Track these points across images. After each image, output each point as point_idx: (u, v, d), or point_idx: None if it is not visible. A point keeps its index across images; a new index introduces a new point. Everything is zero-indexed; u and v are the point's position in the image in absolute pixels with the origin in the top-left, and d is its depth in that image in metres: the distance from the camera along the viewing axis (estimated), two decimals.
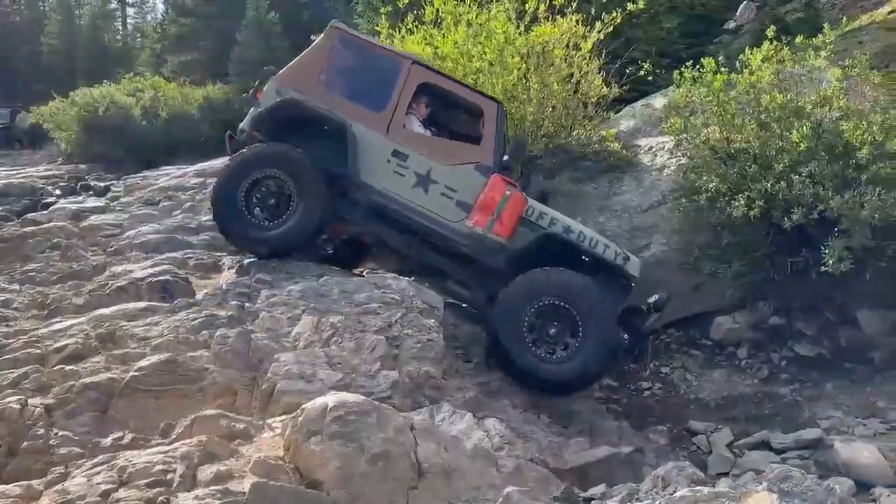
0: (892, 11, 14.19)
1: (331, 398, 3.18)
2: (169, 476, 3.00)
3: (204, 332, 4.44)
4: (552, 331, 5.64)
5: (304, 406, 3.19)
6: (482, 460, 3.49)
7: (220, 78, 24.13)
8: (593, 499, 3.58)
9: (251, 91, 6.42)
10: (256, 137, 6.12)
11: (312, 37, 9.55)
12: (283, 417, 3.47)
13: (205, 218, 8.66)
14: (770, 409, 6.35)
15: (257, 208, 5.87)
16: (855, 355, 6.58)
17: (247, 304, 4.77)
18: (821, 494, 3.03)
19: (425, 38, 8.62)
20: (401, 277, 5.09)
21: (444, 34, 8.50)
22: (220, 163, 12.62)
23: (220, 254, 7.00)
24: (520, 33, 8.39)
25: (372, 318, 4.44)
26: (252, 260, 6.01)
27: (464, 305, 6.54)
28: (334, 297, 4.66)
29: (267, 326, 4.39)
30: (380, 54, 6.28)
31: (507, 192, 5.74)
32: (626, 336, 5.95)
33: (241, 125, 6.37)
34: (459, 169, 5.96)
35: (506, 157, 6.14)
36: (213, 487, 2.91)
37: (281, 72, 6.36)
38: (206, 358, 4.16)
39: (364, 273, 6.61)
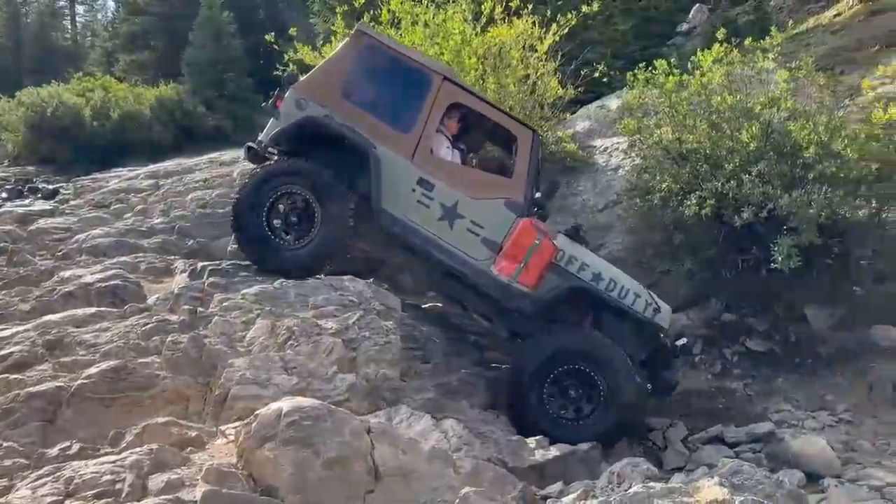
0: (837, 15, 14.63)
1: (285, 403, 3.13)
2: (118, 486, 2.92)
3: (155, 337, 4.34)
4: (572, 392, 5.39)
5: (257, 412, 3.13)
6: (440, 462, 3.47)
7: (172, 78, 23.66)
8: (550, 497, 3.61)
9: (271, 100, 5.99)
10: (275, 151, 5.87)
11: (267, 36, 9.51)
12: (237, 424, 3.41)
13: (157, 220, 8.49)
14: (723, 403, 6.48)
15: (280, 225, 5.62)
16: (804, 350, 6.75)
17: (200, 309, 4.68)
18: (770, 487, 3.10)
19: None
20: (358, 279, 5.04)
21: (401, 34, 8.48)
22: (173, 164, 12.44)
23: (172, 257, 6.86)
24: (476, 34, 8.43)
25: (329, 321, 4.39)
26: (205, 263, 5.90)
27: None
28: (290, 299, 4.61)
29: (220, 331, 4.31)
30: (409, 66, 5.78)
31: (537, 241, 5.39)
32: (649, 385, 5.64)
33: (260, 137, 6.04)
34: (488, 204, 5.57)
35: (538, 195, 5.77)
36: (163, 497, 2.84)
37: (302, 80, 5.93)
38: (158, 364, 4.07)
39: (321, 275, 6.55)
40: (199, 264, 5.89)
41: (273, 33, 9.44)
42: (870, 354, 6.56)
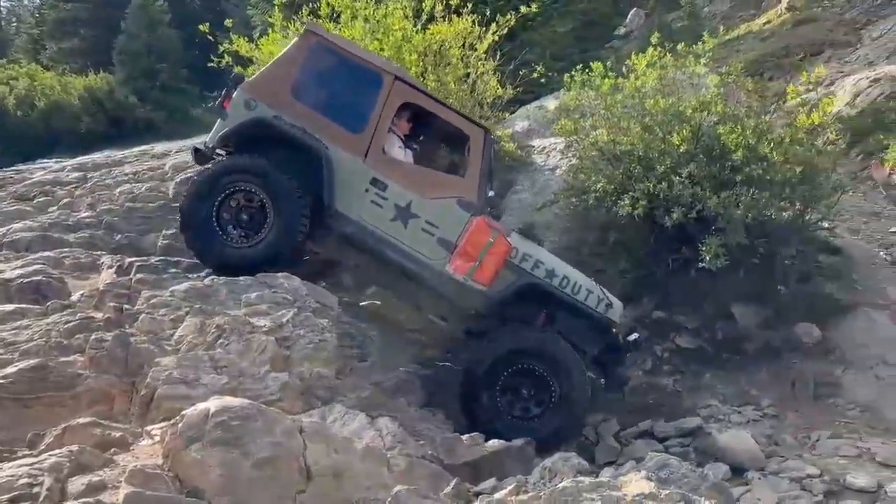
0: (767, 23, 15.19)
1: (213, 403, 3.05)
2: (35, 490, 2.80)
3: (78, 335, 4.17)
4: (524, 391, 5.49)
5: (184, 412, 3.05)
6: (373, 460, 3.45)
7: (103, 67, 22.87)
8: (483, 492, 3.62)
9: (218, 100, 5.79)
10: (223, 153, 5.68)
11: (202, 26, 9.27)
12: (163, 424, 3.31)
13: (84, 214, 8.18)
14: (654, 399, 6.64)
15: (230, 225, 5.43)
16: (731, 347, 6.98)
17: (126, 306, 4.53)
18: (695, 480, 3.19)
19: None
20: (293, 277, 4.96)
21: (340, 29, 8.39)
22: (102, 156, 12.01)
23: (98, 252, 6.60)
24: (417, 31, 8.40)
25: (261, 319, 4.30)
26: (133, 259, 5.71)
27: None
28: (221, 297, 4.50)
29: (147, 329, 4.18)
30: (360, 65, 5.71)
31: (491, 239, 5.41)
32: (602, 380, 5.77)
33: (207, 139, 5.84)
34: (441, 203, 5.54)
35: (492, 193, 5.77)
36: (83, 500, 2.73)
37: (250, 80, 5.82)
38: (81, 363, 3.92)
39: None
40: (127, 260, 5.69)
41: (209, 23, 9.20)
42: (793, 351, 6.83)
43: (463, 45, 8.52)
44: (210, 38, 9.07)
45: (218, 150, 5.70)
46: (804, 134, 6.93)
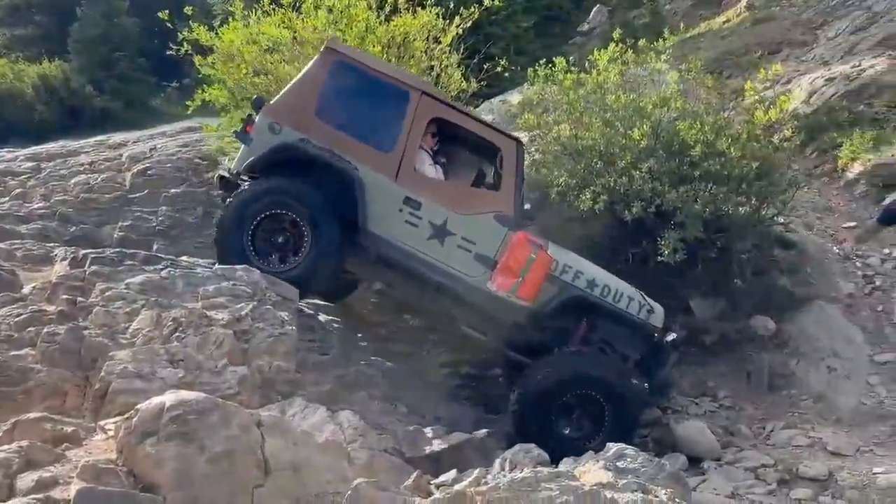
0: (726, 21, 15.44)
1: (168, 397, 3.00)
2: None
3: (30, 328, 4.07)
4: (575, 415, 5.43)
5: (138, 406, 2.99)
6: (333, 454, 3.43)
7: (57, 55, 22.26)
8: (443, 484, 3.63)
9: (241, 126, 5.67)
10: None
11: (161, 14, 9.08)
12: (117, 419, 3.25)
13: (37, 205, 7.99)
14: None
15: (267, 250, 5.33)
16: (689, 339, 7.08)
17: (80, 299, 4.41)
18: (652, 470, 3.23)
19: (283, 21, 8.38)
20: (253, 269, 4.89)
21: (303, 18, 8.30)
22: (57, 146, 11.70)
23: (51, 244, 6.45)
24: (380, 22, 8.35)
25: (219, 312, 4.24)
26: (88, 251, 5.56)
27: None
28: (178, 290, 4.42)
29: (102, 322, 4.09)
30: (384, 82, 5.56)
31: (533, 255, 5.31)
32: (646, 385, 5.70)
33: (233, 166, 5.69)
34: (478, 219, 5.47)
35: (527, 206, 5.71)
36: (32, 496, 2.67)
37: (272, 102, 5.64)
38: (32, 357, 3.83)
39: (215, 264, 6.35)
40: (81, 252, 5.53)
41: (168, 11, 9.02)
42: (749, 343, 6.97)
43: (427, 37, 8.49)
44: (169, 26, 8.91)
45: (243, 179, 5.54)
46: (761, 131, 7.06)
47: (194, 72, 9.35)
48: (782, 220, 7.43)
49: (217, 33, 8.54)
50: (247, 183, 5.45)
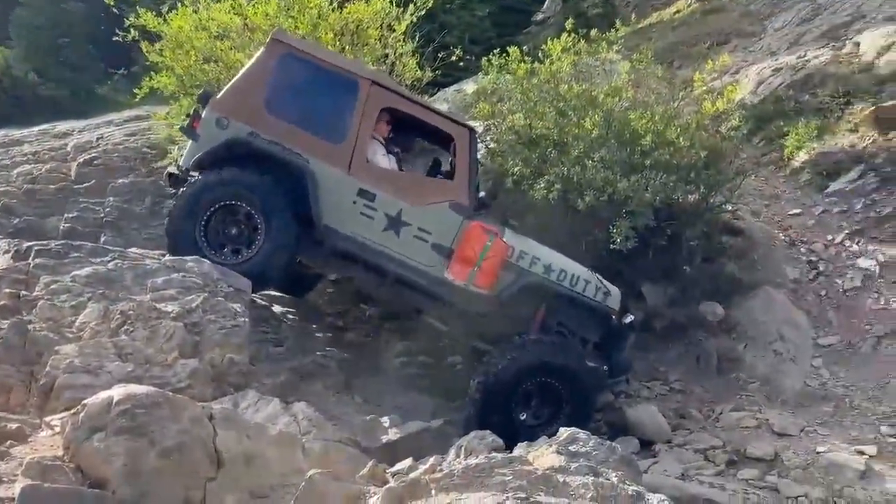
0: (677, 12, 15.67)
1: (117, 391, 2.95)
2: None
3: None
4: (534, 402, 5.50)
5: (85, 401, 2.93)
6: (287, 446, 3.41)
7: None
8: (399, 473, 3.64)
9: (187, 122, 5.53)
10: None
11: (107, 1, 8.83)
12: (64, 414, 3.18)
13: None
14: None
15: (220, 242, 5.25)
16: (640, 325, 7.22)
17: (23, 293, 4.29)
18: (604, 453, 3.30)
19: (234, 7, 8.22)
20: (203, 260, 4.81)
21: (254, 4, 8.16)
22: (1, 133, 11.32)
23: None
24: (333, 9, 8.26)
25: (169, 304, 4.16)
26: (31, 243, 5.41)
27: None
28: (126, 282, 4.32)
29: (47, 316, 3.98)
30: (332, 72, 5.49)
31: (489, 242, 5.34)
32: (605, 367, 5.78)
33: (181, 162, 5.55)
34: (432, 209, 5.47)
35: (482, 194, 5.71)
36: None
37: (219, 97, 5.49)
38: None
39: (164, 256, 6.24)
40: (25, 244, 5.37)
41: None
42: (698, 329, 7.13)
43: (381, 25, 8.43)
44: (116, 11, 8.66)
45: (192, 175, 5.43)
46: (710, 121, 7.21)
47: (142, 59, 9.13)
48: (730, 208, 7.59)
49: (165, 19, 8.34)
50: (199, 174, 5.34)
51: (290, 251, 5.39)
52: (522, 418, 5.45)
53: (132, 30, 8.39)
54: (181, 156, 5.82)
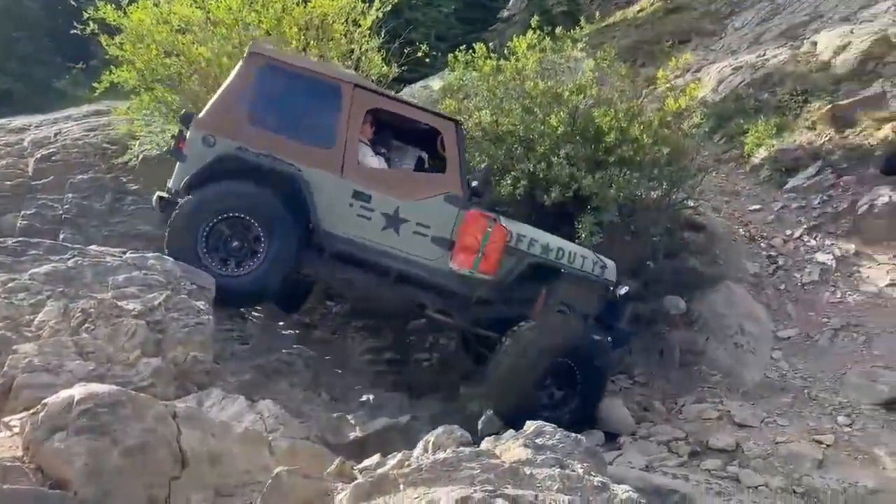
0: (640, 11, 15.86)
1: (78, 390, 2.89)
2: None
3: None
4: (547, 382, 5.59)
5: (45, 401, 2.87)
6: (253, 444, 3.38)
7: None
8: (367, 469, 3.63)
9: (173, 143, 5.49)
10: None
11: None
12: (23, 414, 3.11)
13: None
14: None
15: (221, 257, 5.23)
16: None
17: None
18: (569, 446, 3.32)
19: (196, 1, 8.10)
20: (165, 257, 4.74)
21: None
22: None
23: None
24: (298, 4, 8.19)
25: (131, 302, 4.09)
26: None
27: None
28: (86, 280, 4.23)
29: (4, 315, 3.87)
30: (314, 79, 5.55)
31: (489, 228, 5.47)
32: (608, 338, 5.91)
33: (170, 185, 5.51)
34: (428, 203, 5.54)
35: (474, 183, 5.76)
36: None
37: (202, 115, 5.47)
38: None
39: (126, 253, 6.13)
40: None
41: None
42: (661, 322, 7.24)
43: (346, 20, 8.38)
44: (73, 3, 8.47)
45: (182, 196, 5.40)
46: (672, 118, 7.31)
47: (101, 52, 8.94)
48: (692, 205, 7.72)
49: (125, 12, 8.18)
50: (199, 188, 5.32)
51: (293, 261, 5.41)
52: (543, 402, 5.56)
53: (91, 23, 8.21)
54: (171, 177, 5.74)
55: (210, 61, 7.88)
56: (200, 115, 5.51)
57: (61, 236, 7.30)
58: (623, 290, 6.08)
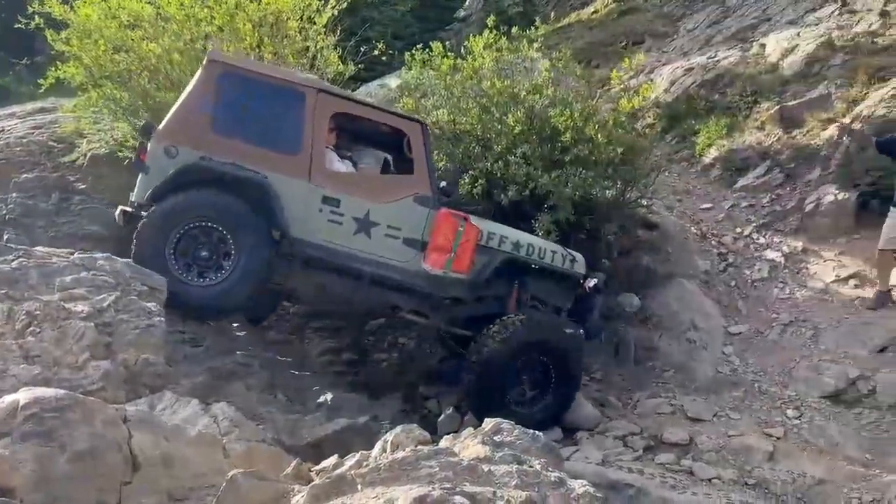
0: (595, 12, 16.05)
1: (23, 395, 2.81)
2: None
3: None
4: (525, 377, 5.71)
5: None
6: (207, 447, 3.33)
7: None
8: (324, 470, 3.60)
9: (135, 155, 5.38)
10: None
11: None
12: None
13: None
14: None
15: (189, 265, 5.15)
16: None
17: None
18: (527, 442, 3.34)
19: None
20: (115, 258, 4.62)
21: None
22: None
23: None
24: (251, 0, 8.07)
25: (79, 304, 3.97)
26: None
27: None
28: (32, 281, 4.10)
29: None
30: (276, 85, 5.50)
31: (460, 228, 5.48)
32: (581, 331, 5.97)
33: (133, 197, 5.38)
34: (398, 204, 5.55)
35: (443, 183, 5.76)
36: None
37: (163, 125, 5.34)
38: None
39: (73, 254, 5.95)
40: None
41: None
42: (617, 319, 7.34)
43: (301, 17, 8.29)
44: None
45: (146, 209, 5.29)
46: (626, 118, 7.41)
47: (47, 48, 8.69)
48: (645, 203, 7.83)
49: (72, 6, 7.96)
50: (164, 199, 5.22)
51: (265, 268, 5.35)
52: (518, 398, 5.65)
53: (36, 17, 7.97)
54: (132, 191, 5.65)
55: (161, 58, 7.72)
56: (161, 125, 5.43)
57: (5, 237, 7.08)
58: (592, 283, 6.19)
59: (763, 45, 11.09)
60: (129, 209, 5.54)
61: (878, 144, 7.28)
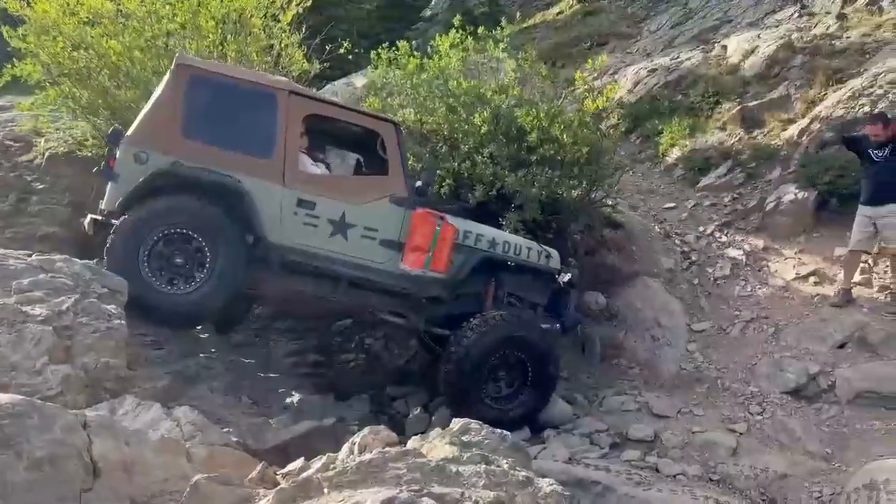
0: (560, 13, 16.17)
1: None
2: None
3: None
4: (502, 373, 5.73)
5: None
6: (170, 451, 3.27)
7: None
8: (290, 473, 3.56)
9: (103, 163, 5.26)
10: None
11: None
12: None
13: None
14: None
15: (163, 272, 5.01)
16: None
17: None
18: (495, 442, 3.34)
19: None
20: (74, 260, 4.51)
21: None
22: None
23: None
24: None
25: (37, 307, 3.86)
26: None
27: None
28: None
29: None
30: (247, 88, 5.40)
31: (438, 227, 5.43)
32: (557, 325, 6.05)
33: (103, 205, 5.23)
34: (374, 206, 5.51)
35: (419, 183, 5.70)
36: None
37: (132, 131, 5.22)
38: None
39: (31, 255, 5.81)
40: None
41: None
42: (583, 317, 7.39)
43: (265, 14, 8.21)
44: None
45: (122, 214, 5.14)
46: (591, 118, 7.47)
47: (3, 45, 8.47)
48: (610, 203, 7.90)
49: (29, 2, 7.77)
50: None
51: (241, 273, 5.26)
52: (492, 393, 5.67)
53: None
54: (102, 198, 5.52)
55: (121, 55, 7.57)
56: (130, 131, 5.33)
57: None
58: (566, 278, 6.25)
59: (724, 47, 11.29)
60: (98, 217, 5.41)
61: (844, 140, 7.42)
